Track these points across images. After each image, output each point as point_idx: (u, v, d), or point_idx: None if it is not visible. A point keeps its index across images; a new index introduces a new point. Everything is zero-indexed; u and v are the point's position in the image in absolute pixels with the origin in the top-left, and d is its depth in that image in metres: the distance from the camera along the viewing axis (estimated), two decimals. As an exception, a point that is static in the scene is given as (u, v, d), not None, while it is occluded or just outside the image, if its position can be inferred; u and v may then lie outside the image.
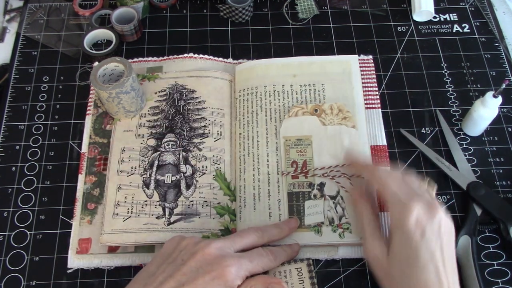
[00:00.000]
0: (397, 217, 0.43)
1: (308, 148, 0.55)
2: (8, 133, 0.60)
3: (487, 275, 0.52)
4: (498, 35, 0.68)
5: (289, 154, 0.55)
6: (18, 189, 0.57)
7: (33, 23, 0.69)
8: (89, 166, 0.56)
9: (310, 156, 0.55)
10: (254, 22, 0.69)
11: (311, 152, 0.55)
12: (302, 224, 0.52)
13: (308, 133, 0.56)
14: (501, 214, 0.52)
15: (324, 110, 0.57)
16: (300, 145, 0.55)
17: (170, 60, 0.64)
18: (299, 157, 0.55)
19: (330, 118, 0.56)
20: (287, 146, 0.55)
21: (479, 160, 0.58)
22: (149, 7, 0.70)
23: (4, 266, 0.52)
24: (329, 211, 0.52)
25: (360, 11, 0.71)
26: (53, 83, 0.64)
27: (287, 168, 0.54)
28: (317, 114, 0.56)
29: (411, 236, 0.42)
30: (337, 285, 0.51)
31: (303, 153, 0.55)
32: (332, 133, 0.56)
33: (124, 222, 0.52)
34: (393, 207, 0.44)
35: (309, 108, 0.57)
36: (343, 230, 0.51)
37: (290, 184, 0.54)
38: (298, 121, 0.57)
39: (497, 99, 0.55)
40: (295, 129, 0.56)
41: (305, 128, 0.56)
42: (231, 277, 0.41)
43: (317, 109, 0.56)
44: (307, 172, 0.54)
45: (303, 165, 0.54)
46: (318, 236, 0.51)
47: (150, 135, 0.57)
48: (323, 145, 0.55)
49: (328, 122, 0.56)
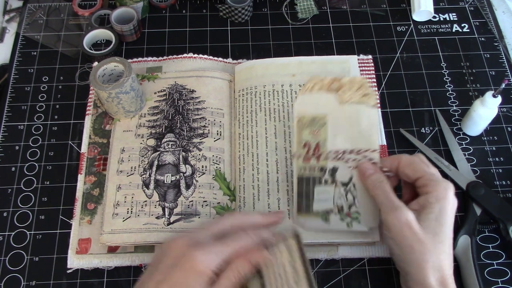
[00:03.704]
0: (441, 192, 0.45)
1: (323, 129, 0.50)
2: (7, 133, 0.60)
3: (487, 274, 0.52)
4: (497, 34, 0.68)
5: (302, 135, 0.51)
6: (18, 189, 0.57)
7: (32, 23, 0.69)
8: (88, 166, 0.56)
9: (324, 138, 0.50)
10: (253, 22, 0.69)
11: (326, 133, 0.50)
12: (311, 210, 0.50)
13: (323, 111, 0.50)
14: (501, 214, 0.53)
15: (344, 84, 0.50)
16: (314, 125, 0.50)
17: (170, 60, 0.64)
18: (312, 139, 0.50)
19: (349, 94, 0.50)
20: (299, 126, 0.51)
21: (479, 159, 0.59)
22: (149, 7, 0.71)
23: (4, 266, 0.52)
24: (339, 199, 0.49)
25: (359, 11, 0.71)
26: (52, 83, 0.64)
27: (299, 150, 0.50)
28: (333, 89, 0.50)
29: (450, 208, 0.45)
30: (336, 284, 0.52)
31: (317, 134, 0.50)
32: (350, 113, 0.50)
33: (123, 222, 0.52)
34: (437, 184, 0.46)
35: (326, 81, 0.50)
36: (352, 220, 0.49)
37: (301, 168, 0.50)
38: (314, 98, 0.51)
39: (497, 99, 0.55)
40: (309, 106, 0.51)
41: (321, 106, 0.51)
42: (202, 266, 0.40)
43: (335, 84, 0.50)
44: (320, 155, 0.50)
45: (316, 147, 0.50)
46: (326, 224, 0.49)
47: (150, 135, 0.57)
48: (339, 126, 0.50)
49: (347, 98, 0.50)
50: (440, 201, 0.45)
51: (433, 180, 0.46)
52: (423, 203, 0.45)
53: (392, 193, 0.46)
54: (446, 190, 0.45)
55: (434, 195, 0.45)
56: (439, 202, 0.45)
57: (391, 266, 0.52)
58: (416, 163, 0.48)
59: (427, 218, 0.44)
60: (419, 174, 0.47)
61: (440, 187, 0.45)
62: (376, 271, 0.52)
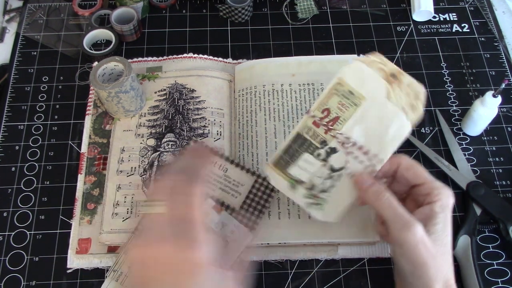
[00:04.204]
0: (445, 200, 0.44)
1: (352, 108, 0.46)
2: (7, 133, 0.60)
3: (487, 274, 0.52)
4: (497, 34, 0.68)
5: (330, 100, 0.46)
6: (18, 189, 0.57)
7: (32, 23, 0.69)
8: (88, 166, 0.56)
9: (347, 117, 0.46)
10: (253, 22, 0.69)
11: (351, 114, 0.46)
12: (286, 169, 0.47)
13: (365, 93, 0.46)
14: (501, 214, 0.53)
15: (402, 81, 0.45)
16: (347, 99, 0.46)
17: (170, 60, 0.64)
18: (335, 109, 0.46)
19: (399, 94, 0.45)
20: (334, 89, 0.46)
21: (479, 159, 0.58)
22: (149, 7, 0.71)
23: (4, 266, 0.52)
24: (318, 178, 0.46)
25: (359, 11, 0.71)
26: (52, 83, 0.64)
27: (316, 112, 0.47)
28: (391, 80, 0.45)
29: (449, 217, 0.44)
30: (336, 284, 0.51)
31: (343, 109, 0.46)
32: (386, 113, 0.45)
33: (123, 222, 0.52)
34: (441, 192, 0.44)
35: (389, 67, 0.46)
36: (315, 203, 0.47)
37: (306, 128, 0.47)
38: (366, 73, 0.46)
39: (497, 99, 0.55)
40: (356, 78, 0.46)
41: (366, 86, 0.46)
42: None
43: (395, 75, 0.46)
44: (331, 130, 0.46)
45: (334, 120, 0.46)
46: (289, 190, 0.47)
47: (150, 135, 0.57)
48: (368, 117, 0.46)
49: (395, 97, 0.45)
50: (445, 210, 0.44)
51: (436, 188, 0.44)
52: (428, 213, 0.43)
53: (399, 205, 0.43)
54: (449, 198, 0.44)
55: (439, 205, 0.44)
56: (444, 211, 0.44)
57: (391, 266, 0.52)
58: (417, 167, 0.46)
59: (435, 230, 0.43)
60: (421, 181, 0.45)
61: (444, 196, 0.44)
62: (376, 271, 0.52)
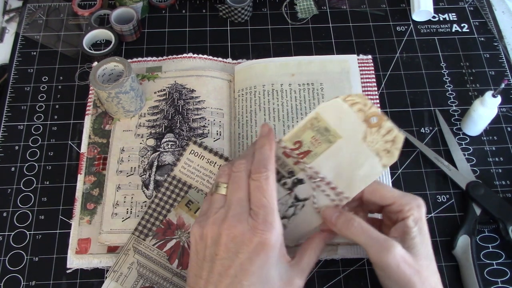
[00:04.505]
0: (416, 213, 0.43)
1: (324, 145, 0.45)
2: (7, 134, 0.60)
3: (487, 274, 0.52)
4: (497, 34, 0.68)
5: (304, 133, 0.45)
6: (18, 189, 0.57)
7: (32, 23, 0.69)
8: (88, 166, 0.56)
9: (319, 152, 0.45)
10: (253, 22, 0.69)
11: (323, 151, 0.45)
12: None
13: (341, 133, 0.44)
14: (501, 214, 0.53)
15: (382, 126, 0.44)
16: (321, 135, 0.44)
17: (170, 60, 0.64)
18: (309, 143, 0.45)
19: (376, 137, 0.44)
20: (309, 123, 0.45)
21: (479, 159, 0.59)
22: (148, 7, 0.71)
23: (3, 266, 0.52)
24: (281, 205, 0.46)
25: (359, 11, 0.71)
26: (52, 83, 0.64)
27: (287, 143, 0.46)
28: (370, 124, 0.44)
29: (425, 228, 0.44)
30: (336, 285, 0.52)
31: (316, 144, 0.45)
32: (360, 153, 0.44)
33: (123, 222, 0.52)
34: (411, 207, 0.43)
35: (369, 111, 0.44)
36: None
37: (276, 156, 0.45)
38: (346, 113, 0.44)
39: (496, 99, 0.55)
40: (334, 116, 0.44)
41: (343, 126, 0.44)
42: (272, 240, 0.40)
43: (375, 118, 0.44)
44: (300, 162, 0.45)
45: (304, 153, 0.45)
46: None
47: (150, 135, 0.57)
48: (340, 156, 0.45)
49: (371, 141, 0.44)
50: (418, 222, 0.43)
51: (405, 204, 0.44)
52: (403, 229, 0.43)
53: (371, 228, 0.43)
54: (420, 209, 0.44)
55: (412, 219, 0.43)
56: (417, 224, 0.43)
57: (391, 266, 0.52)
58: (381, 189, 0.45)
59: (413, 244, 0.42)
60: (389, 201, 0.44)
61: (414, 209, 0.43)
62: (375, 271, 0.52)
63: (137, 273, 0.50)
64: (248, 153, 0.46)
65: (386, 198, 0.45)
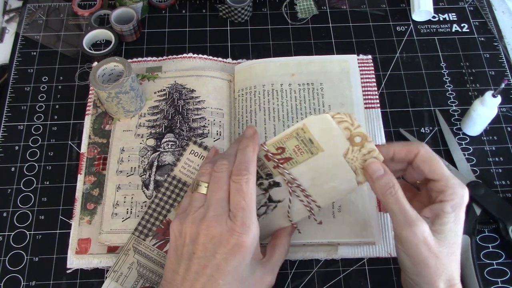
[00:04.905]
0: (458, 201, 0.42)
1: (306, 155, 0.45)
2: (7, 134, 0.60)
3: (487, 274, 0.52)
4: (497, 34, 0.68)
5: (289, 141, 0.45)
6: (18, 189, 0.57)
7: (32, 24, 0.69)
8: (88, 166, 0.56)
9: (299, 160, 0.45)
10: (253, 22, 0.69)
11: (304, 161, 0.45)
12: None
13: (324, 147, 0.44)
14: (501, 214, 0.53)
15: (364, 146, 0.43)
16: (304, 146, 0.44)
17: (170, 60, 0.64)
18: (291, 151, 0.45)
19: (356, 155, 0.44)
20: (295, 133, 0.44)
21: (479, 159, 0.59)
22: (148, 7, 0.71)
23: (3, 266, 0.52)
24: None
25: (359, 11, 0.71)
26: (52, 83, 0.64)
27: (270, 147, 0.45)
28: (354, 142, 0.44)
29: (462, 217, 0.42)
30: (336, 284, 0.52)
31: (298, 153, 0.45)
32: (339, 168, 0.45)
33: (123, 222, 0.52)
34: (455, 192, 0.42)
35: (355, 130, 0.43)
36: None
37: (258, 158, 0.46)
38: (332, 129, 0.43)
39: (496, 99, 0.55)
40: (320, 130, 0.44)
41: (327, 141, 0.44)
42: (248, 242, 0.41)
43: (359, 138, 0.43)
44: (279, 167, 0.46)
45: (285, 160, 0.45)
46: None
47: (150, 135, 0.57)
48: (319, 167, 0.45)
49: (351, 157, 0.44)
50: (456, 210, 0.42)
51: (450, 187, 0.42)
52: (437, 212, 0.42)
53: (406, 202, 0.41)
54: (463, 198, 0.42)
55: (451, 204, 0.42)
56: (455, 211, 0.41)
57: (391, 266, 0.52)
58: (434, 162, 0.43)
59: (442, 230, 0.41)
60: (436, 177, 0.43)
61: (458, 196, 0.42)
62: (376, 271, 0.52)
63: (137, 273, 0.50)
64: (231, 152, 0.46)
65: (435, 172, 0.43)
